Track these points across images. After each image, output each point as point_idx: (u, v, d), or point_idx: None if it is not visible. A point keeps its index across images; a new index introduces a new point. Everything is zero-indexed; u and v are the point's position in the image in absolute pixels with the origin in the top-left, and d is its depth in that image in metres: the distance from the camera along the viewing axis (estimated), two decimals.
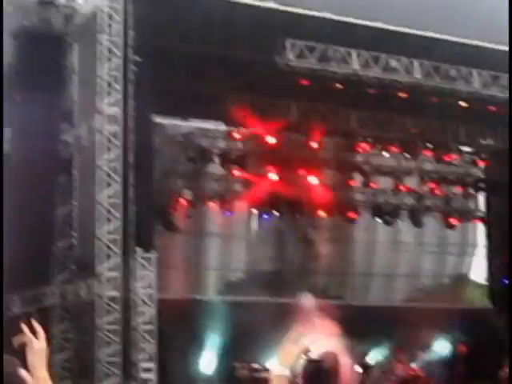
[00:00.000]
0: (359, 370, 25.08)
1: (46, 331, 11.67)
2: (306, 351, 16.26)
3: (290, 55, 20.73)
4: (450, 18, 22.72)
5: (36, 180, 19.81)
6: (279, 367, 18.94)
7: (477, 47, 22.95)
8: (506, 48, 23.22)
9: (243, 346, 21.97)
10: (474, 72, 23.06)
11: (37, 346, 3.28)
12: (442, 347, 28.51)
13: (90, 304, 18.90)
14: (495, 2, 24.75)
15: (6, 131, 19.22)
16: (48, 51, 20.17)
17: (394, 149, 27.99)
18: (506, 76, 23.91)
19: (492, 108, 25.00)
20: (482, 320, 30.05)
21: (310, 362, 23.50)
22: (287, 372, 21.12)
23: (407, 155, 28.57)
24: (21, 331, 3.24)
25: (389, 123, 26.56)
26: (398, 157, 28.69)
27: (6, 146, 19.20)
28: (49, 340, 11.69)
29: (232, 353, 23.32)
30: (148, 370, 18.68)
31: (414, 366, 26.47)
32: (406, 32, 21.73)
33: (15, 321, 17.49)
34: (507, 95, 23.92)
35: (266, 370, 23.42)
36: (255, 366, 22.35)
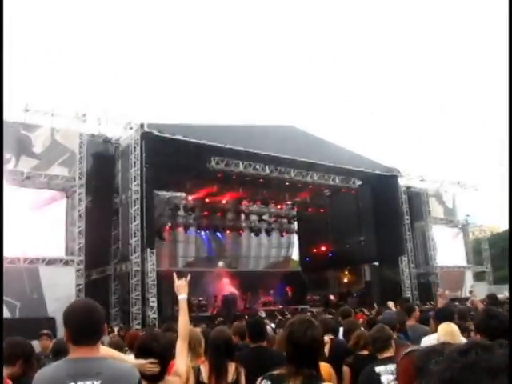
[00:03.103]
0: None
1: (107, 286, 13.54)
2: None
3: (212, 163, 21.48)
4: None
5: (104, 218, 20.22)
6: None
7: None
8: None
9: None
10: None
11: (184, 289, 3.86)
12: (282, 289, 28.97)
13: (127, 273, 19.10)
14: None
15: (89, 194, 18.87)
16: (107, 162, 20.63)
17: (259, 203, 28.36)
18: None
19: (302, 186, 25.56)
20: (297, 275, 31.23)
21: (225, 295, 24.72)
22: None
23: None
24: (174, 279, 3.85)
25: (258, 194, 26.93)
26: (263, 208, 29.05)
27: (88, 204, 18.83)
28: (108, 290, 13.61)
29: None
30: (153, 301, 18.68)
31: (269, 297, 26.50)
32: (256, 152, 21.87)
33: (93, 283, 18.39)
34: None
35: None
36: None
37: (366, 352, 5.73)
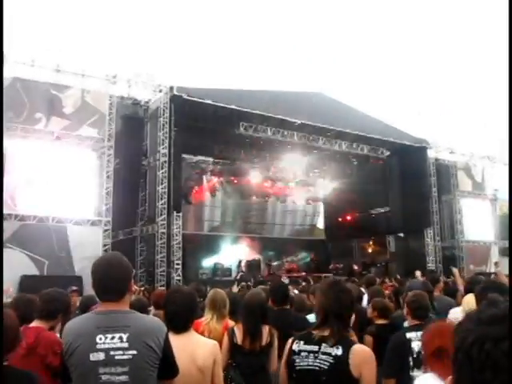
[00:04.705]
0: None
1: (133, 248, 13.72)
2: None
3: (241, 128, 21.48)
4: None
5: (132, 181, 20.31)
6: None
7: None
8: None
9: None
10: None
11: None
12: (305, 255, 29.61)
13: (153, 235, 19.31)
14: None
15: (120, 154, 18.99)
16: (136, 125, 20.65)
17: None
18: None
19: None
20: (321, 243, 31.36)
21: (249, 260, 25.01)
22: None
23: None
24: None
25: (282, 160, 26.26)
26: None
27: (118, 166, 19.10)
28: (134, 251, 13.72)
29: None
30: (178, 264, 18.95)
31: (293, 264, 27.03)
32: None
33: (119, 243, 18.64)
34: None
35: None
36: None
37: (385, 321, 5.76)
